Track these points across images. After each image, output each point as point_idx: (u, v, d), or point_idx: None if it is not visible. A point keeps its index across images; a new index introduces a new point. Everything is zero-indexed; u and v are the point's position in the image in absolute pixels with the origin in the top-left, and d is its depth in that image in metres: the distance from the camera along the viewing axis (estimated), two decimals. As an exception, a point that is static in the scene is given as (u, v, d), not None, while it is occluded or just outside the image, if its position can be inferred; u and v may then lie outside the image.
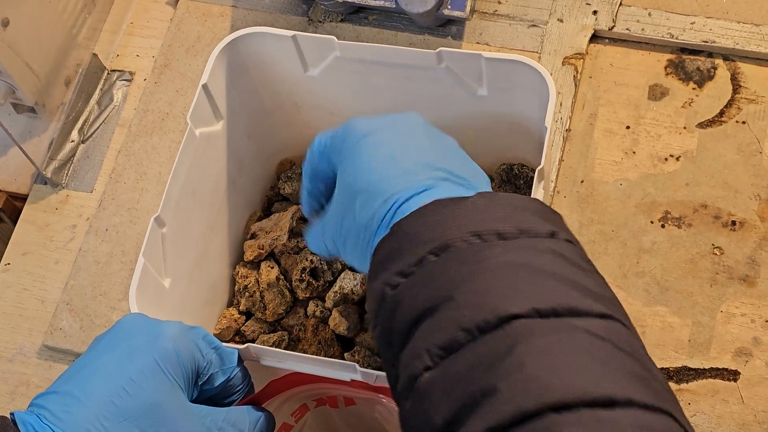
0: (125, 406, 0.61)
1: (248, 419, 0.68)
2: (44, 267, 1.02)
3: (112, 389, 0.62)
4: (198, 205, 0.81)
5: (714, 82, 1.02)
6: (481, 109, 0.82)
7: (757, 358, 0.90)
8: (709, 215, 0.97)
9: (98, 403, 0.61)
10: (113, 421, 0.61)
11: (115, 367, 0.63)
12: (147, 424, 0.62)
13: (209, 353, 0.67)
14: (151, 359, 0.63)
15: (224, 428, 0.66)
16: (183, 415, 0.63)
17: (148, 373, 0.63)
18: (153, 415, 0.62)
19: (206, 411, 0.65)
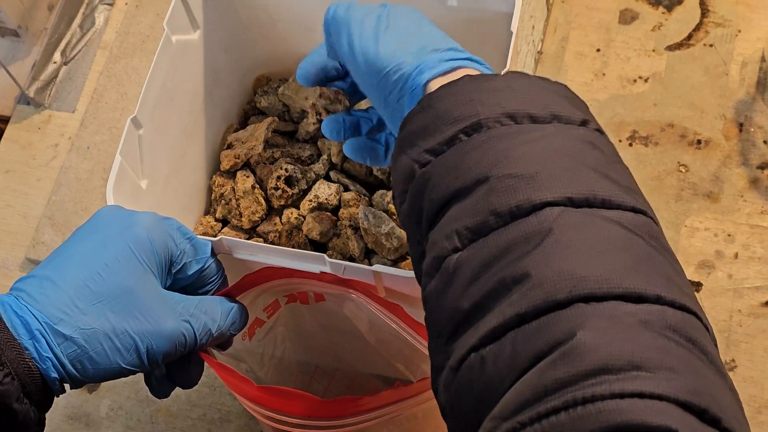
0: (99, 290, 0.64)
1: (220, 309, 0.70)
2: (27, 184, 1.04)
3: (87, 273, 0.64)
4: (175, 111, 0.83)
5: (683, 7, 1.04)
6: (452, 20, 0.84)
7: (719, 270, 0.93)
8: (675, 134, 0.99)
9: (73, 286, 0.64)
10: (87, 302, 0.63)
11: (91, 253, 0.65)
12: (119, 307, 0.64)
13: (183, 243, 0.69)
14: (125, 245, 0.65)
15: (196, 315, 0.67)
16: (155, 300, 0.65)
17: (121, 258, 0.65)
18: (126, 298, 0.64)
19: (179, 298, 0.67)
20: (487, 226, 0.53)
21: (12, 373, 0.60)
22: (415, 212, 0.58)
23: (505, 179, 0.53)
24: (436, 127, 0.57)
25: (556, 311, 0.48)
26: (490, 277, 0.51)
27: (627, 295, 0.48)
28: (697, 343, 0.48)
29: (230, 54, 0.90)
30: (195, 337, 0.67)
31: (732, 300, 0.92)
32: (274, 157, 0.90)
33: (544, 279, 0.49)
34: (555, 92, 0.58)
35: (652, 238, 0.52)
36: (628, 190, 0.54)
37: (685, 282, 0.52)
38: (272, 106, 0.93)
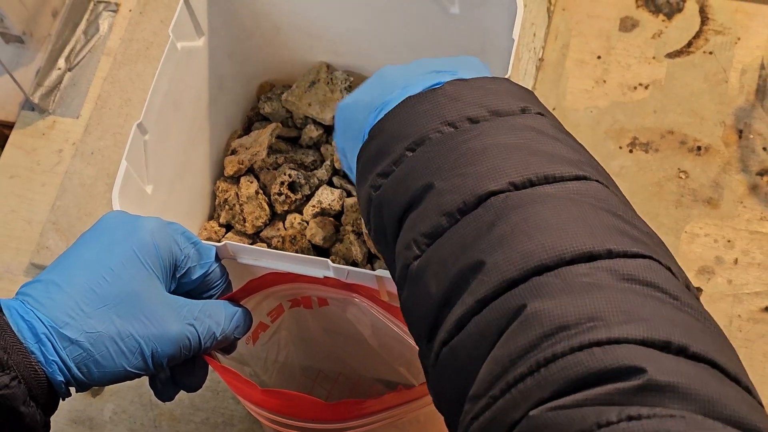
0: (104, 293, 0.64)
1: (224, 312, 0.70)
2: (31, 189, 1.05)
3: (92, 278, 0.65)
4: (180, 117, 0.84)
5: (683, 14, 1.05)
6: (454, 27, 0.85)
7: (718, 276, 0.94)
8: (675, 141, 1.00)
9: (79, 290, 0.64)
10: (93, 306, 0.64)
11: (96, 257, 0.66)
12: (125, 310, 0.64)
13: (187, 247, 0.69)
14: (130, 250, 0.66)
15: (200, 318, 0.68)
16: (160, 303, 0.66)
17: (126, 262, 0.66)
18: (130, 301, 0.65)
19: (183, 302, 0.68)
20: (440, 228, 0.55)
21: (19, 376, 0.61)
22: (380, 234, 0.61)
23: (450, 179, 0.56)
24: (384, 151, 0.60)
25: (513, 289, 0.50)
26: (448, 272, 0.53)
27: (577, 257, 0.50)
28: (655, 285, 0.50)
29: (234, 60, 0.91)
30: (199, 340, 0.68)
31: (732, 305, 0.92)
32: (278, 162, 0.90)
33: (497, 262, 0.51)
34: (494, 90, 0.60)
35: (597, 199, 0.54)
36: (570, 161, 0.56)
37: (639, 229, 0.54)
38: (276, 112, 0.94)
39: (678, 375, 0.45)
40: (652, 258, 0.51)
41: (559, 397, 0.46)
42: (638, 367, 0.45)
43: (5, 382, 0.60)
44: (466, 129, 0.57)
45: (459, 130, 0.57)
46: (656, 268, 0.51)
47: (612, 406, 0.44)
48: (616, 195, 0.56)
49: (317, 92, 0.91)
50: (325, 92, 0.91)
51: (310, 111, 0.91)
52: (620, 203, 0.55)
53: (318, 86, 0.92)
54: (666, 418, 0.44)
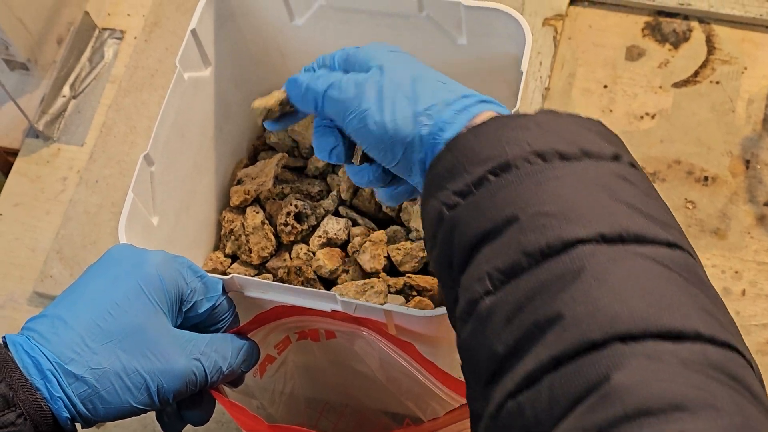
0: (109, 329, 0.64)
1: (231, 346, 0.70)
2: (35, 217, 1.04)
3: (97, 313, 0.64)
4: (186, 147, 0.83)
5: (689, 44, 1.05)
6: (461, 58, 0.84)
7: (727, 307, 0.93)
8: (682, 171, 0.99)
9: (84, 325, 0.64)
10: (98, 342, 0.63)
11: (101, 291, 0.65)
12: (130, 346, 0.64)
13: (193, 281, 0.69)
14: (135, 284, 0.66)
15: (207, 353, 0.67)
16: (165, 338, 0.65)
17: (132, 297, 0.65)
18: (136, 336, 0.64)
19: (189, 336, 0.67)
20: (519, 267, 0.52)
21: (24, 413, 0.61)
22: (445, 256, 0.57)
23: (535, 218, 0.52)
24: (463, 168, 0.56)
25: (593, 352, 0.47)
26: (523, 319, 0.50)
27: (665, 333, 0.47)
28: (740, 380, 0.47)
29: (241, 89, 0.91)
30: (206, 375, 0.67)
31: (740, 337, 0.92)
32: (284, 192, 0.90)
33: (578, 319, 0.48)
34: (585, 128, 0.58)
35: (688, 272, 0.51)
36: (662, 224, 0.53)
37: (726, 316, 0.51)
38: (282, 141, 0.93)
39: None
40: (737, 350, 0.49)
41: None
42: None
43: (11, 419, 0.60)
44: (556, 165, 0.54)
45: (548, 164, 0.54)
46: (741, 362, 0.49)
47: None
48: (703, 271, 0.54)
49: (324, 122, 0.91)
50: (331, 122, 0.91)
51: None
52: (708, 281, 0.53)
53: (324, 116, 0.91)
54: None
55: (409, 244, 0.85)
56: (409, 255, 0.85)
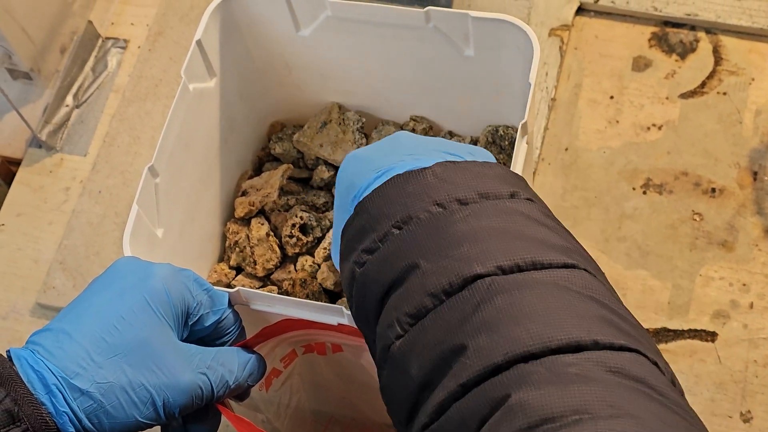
0: (115, 342, 0.63)
1: (237, 360, 0.69)
2: (38, 228, 1.04)
3: (103, 326, 0.64)
4: (191, 159, 0.83)
5: (696, 55, 1.05)
6: (468, 69, 0.84)
7: (734, 320, 0.93)
8: (689, 182, 0.99)
9: (89, 339, 0.63)
10: (103, 356, 0.63)
11: (107, 305, 0.65)
12: (136, 360, 0.63)
13: (200, 294, 0.69)
14: (141, 297, 0.65)
15: (213, 367, 0.67)
16: (171, 352, 0.65)
17: (138, 310, 0.65)
18: (142, 350, 0.64)
19: (195, 350, 0.67)
20: (424, 308, 0.54)
21: (30, 428, 0.60)
22: (362, 312, 0.59)
23: (436, 260, 0.55)
24: (370, 227, 0.59)
25: (497, 375, 0.49)
26: (431, 355, 0.52)
27: (564, 347, 0.49)
28: (642, 380, 0.49)
29: (246, 101, 0.90)
30: (212, 389, 0.67)
31: (747, 351, 0.91)
32: (289, 204, 0.89)
33: (481, 346, 0.50)
34: (482, 173, 0.59)
35: (585, 287, 0.53)
36: (560, 248, 0.55)
37: (627, 320, 0.53)
38: (287, 152, 0.93)
39: None
40: (639, 352, 0.51)
41: None
42: None
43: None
44: (454, 210, 0.57)
45: (447, 210, 0.57)
46: (643, 362, 0.50)
47: None
48: (604, 284, 0.55)
49: (329, 133, 0.91)
50: (337, 133, 0.90)
51: (321, 152, 0.90)
52: (608, 293, 0.55)
53: (330, 127, 0.91)
54: None
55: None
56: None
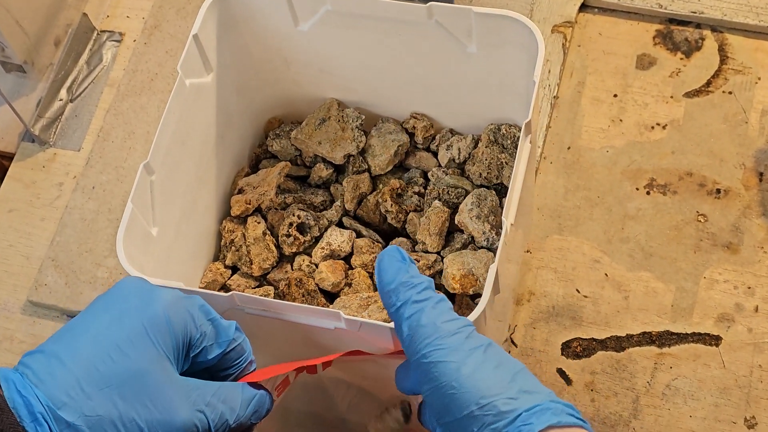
0: (108, 373, 0.60)
1: (242, 397, 0.65)
2: (30, 224, 1.02)
3: (98, 353, 0.60)
4: (187, 156, 0.81)
5: (702, 53, 1.03)
6: (471, 66, 0.82)
7: (739, 323, 0.91)
8: (694, 183, 0.97)
9: (82, 366, 0.60)
10: (95, 386, 0.60)
11: (104, 330, 0.62)
12: (129, 393, 0.60)
13: (204, 324, 0.65)
14: (140, 325, 0.62)
15: (212, 404, 0.63)
16: (168, 387, 0.62)
17: (134, 339, 0.61)
18: (136, 383, 0.60)
19: (195, 384, 0.63)
20: None
21: None
22: None
23: None
24: None
25: None
26: None
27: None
28: None
29: (243, 96, 0.88)
30: (209, 428, 0.63)
31: (752, 355, 0.89)
32: (286, 202, 0.88)
33: None
34: None
35: None
36: None
37: None
38: (284, 149, 0.91)
39: None
40: None
41: None
42: None
43: None
44: None
45: None
46: None
47: None
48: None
49: (328, 130, 0.89)
50: (335, 130, 0.89)
51: (320, 149, 0.89)
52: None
53: (328, 124, 0.89)
54: None
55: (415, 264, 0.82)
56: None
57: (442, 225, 0.84)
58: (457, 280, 0.80)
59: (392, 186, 0.87)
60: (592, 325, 0.92)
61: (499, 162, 0.85)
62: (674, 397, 0.88)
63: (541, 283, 0.94)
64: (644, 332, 0.91)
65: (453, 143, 0.88)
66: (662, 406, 0.88)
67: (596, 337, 0.91)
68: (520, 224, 0.84)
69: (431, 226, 0.84)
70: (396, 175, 0.90)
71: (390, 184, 0.87)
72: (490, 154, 0.86)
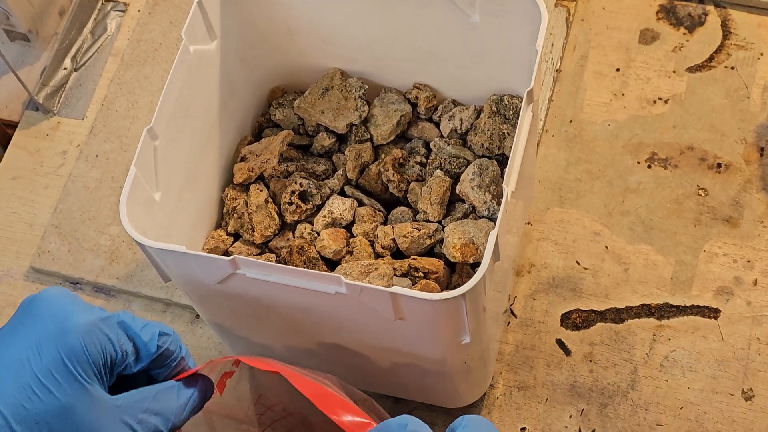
0: (36, 410, 0.60)
1: (177, 402, 0.66)
2: (33, 191, 1.02)
3: (22, 391, 0.60)
4: (190, 123, 0.81)
5: (704, 28, 1.03)
6: (474, 37, 0.82)
7: (737, 297, 0.91)
8: (695, 157, 0.97)
9: (8, 406, 0.60)
10: (25, 425, 0.60)
11: (25, 361, 0.61)
12: (60, 427, 0.60)
13: (125, 343, 0.64)
14: (58, 356, 0.61)
15: (144, 420, 0.63)
16: (97, 413, 0.61)
17: (56, 372, 0.61)
18: (65, 417, 0.60)
19: (125, 403, 0.63)
20: None
21: None
22: None
23: None
24: None
25: None
26: None
27: None
28: None
29: (246, 65, 0.88)
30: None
31: (750, 328, 0.90)
32: (289, 171, 0.88)
33: None
34: None
35: None
36: None
37: None
38: (287, 119, 0.91)
39: None
40: None
41: None
42: None
43: None
44: None
45: None
46: None
47: None
48: None
49: (330, 99, 0.89)
50: (338, 100, 0.89)
51: (322, 119, 0.89)
52: None
53: (331, 93, 0.89)
54: None
55: (416, 232, 0.83)
56: (416, 243, 0.83)
57: (443, 194, 0.84)
58: (457, 249, 0.81)
59: (394, 155, 0.87)
60: (591, 297, 0.92)
61: (501, 133, 0.86)
62: (672, 368, 0.89)
63: (541, 254, 0.94)
64: (643, 304, 0.92)
65: (455, 114, 0.88)
66: (660, 377, 0.89)
67: (596, 309, 0.92)
68: (521, 195, 0.84)
69: (432, 196, 0.84)
70: (398, 144, 0.90)
71: (392, 154, 0.87)
72: (492, 125, 0.86)
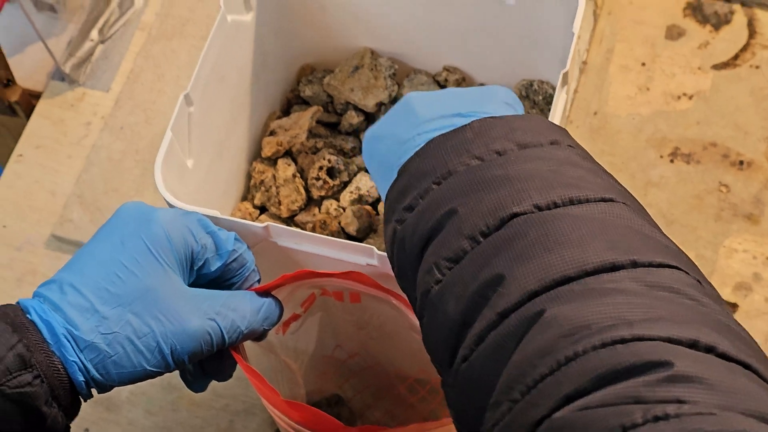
0: (119, 292, 0.62)
1: (251, 305, 0.67)
2: (57, 161, 1.02)
3: (106, 276, 0.62)
4: (223, 92, 0.81)
5: (731, 26, 1.04)
6: (507, 19, 0.83)
7: (756, 293, 0.92)
8: (717, 154, 0.98)
9: (93, 289, 0.62)
10: (108, 306, 0.61)
11: (109, 254, 0.63)
12: (140, 308, 0.62)
13: (203, 237, 0.66)
14: (143, 244, 0.63)
15: (223, 312, 0.64)
16: (177, 299, 0.63)
17: (139, 257, 0.63)
18: (146, 298, 0.62)
19: (204, 295, 0.65)
20: (462, 251, 0.54)
21: (41, 375, 0.59)
22: (402, 269, 0.59)
23: (473, 205, 0.55)
24: (411, 186, 0.59)
25: (536, 298, 0.49)
26: (468, 292, 0.52)
27: (600, 268, 0.49)
28: (683, 292, 0.48)
29: (279, 39, 0.89)
30: (222, 335, 0.65)
31: (768, 323, 0.91)
32: (317, 147, 0.88)
33: (516, 275, 0.50)
34: (521, 126, 0.59)
35: (621, 218, 0.53)
36: (596, 185, 0.55)
37: (668, 244, 0.53)
38: (316, 95, 0.92)
39: (707, 369, 0.44)
40: (679, 268, 0.50)
41: (581, 396, 0.44)
42: (664, 361, 0.44)
43: (28, 380, 0.58)
44: (493, 160, 0.57)
45: (486, 162, 0.57)
46: (683, 277, 0.50)
47: (637, 404, 0.42)
48: (644, 216, 0.55)
49: (360, 78, 0.89)
50: (368, 78, 0.89)
51: (352, 96, 0.89)
52: (647, 222, 0.54)
53: (361, 72, 0.90)
54: (695, 416, 0.41)
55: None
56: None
57: (471, 176, 0.85)
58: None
59: (423, 136, 0.87)
60: (611, 287, 0.93)
61: (530, 117, 0.86)
62: (689, 360, 0.89)
63: (562, 243, 0.95)
64: (662, 296, 0.92)
65: (485, 97, 0.89)
66: (677, 368, 0.89)
67: (615, 299, 0.92)
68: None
69: (460, 176, 0.84)
70: (426, 126, 0.90)
71: (420, 134, 0.87)
72: (521, 110, 0.86)
